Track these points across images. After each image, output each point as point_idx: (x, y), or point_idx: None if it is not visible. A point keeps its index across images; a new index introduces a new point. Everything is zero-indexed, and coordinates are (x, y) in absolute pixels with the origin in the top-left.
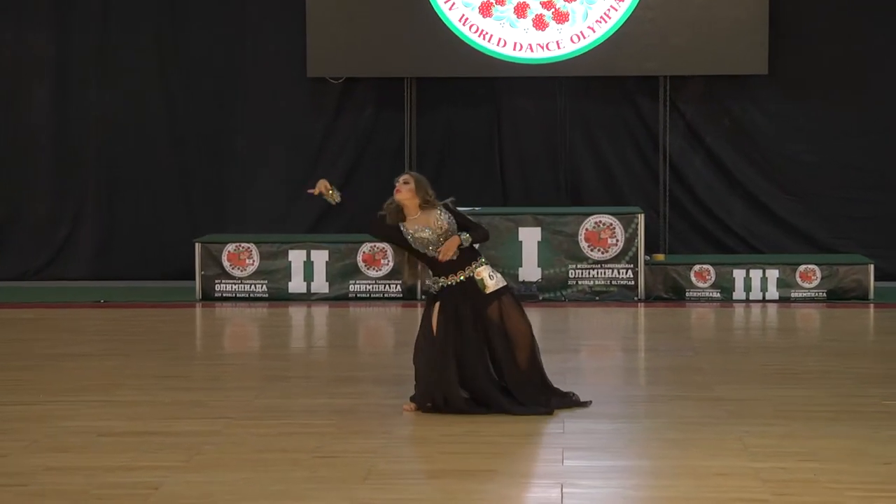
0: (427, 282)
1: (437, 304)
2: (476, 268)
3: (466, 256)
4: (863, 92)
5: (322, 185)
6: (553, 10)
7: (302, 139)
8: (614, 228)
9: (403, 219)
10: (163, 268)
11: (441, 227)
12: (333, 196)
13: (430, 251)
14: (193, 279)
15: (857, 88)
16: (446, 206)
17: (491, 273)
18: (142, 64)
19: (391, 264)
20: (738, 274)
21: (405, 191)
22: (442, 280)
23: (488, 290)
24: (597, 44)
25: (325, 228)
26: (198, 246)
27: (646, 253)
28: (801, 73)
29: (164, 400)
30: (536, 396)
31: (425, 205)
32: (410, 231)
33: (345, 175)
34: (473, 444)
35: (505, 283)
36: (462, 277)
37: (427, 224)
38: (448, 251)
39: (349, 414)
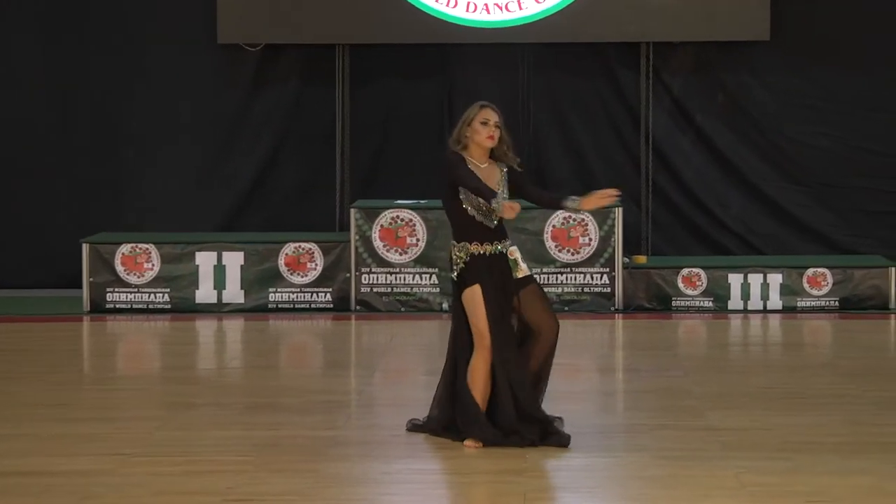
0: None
1: (476, 289)
2: (509, 247)
3: (501, 230)
4: (884, 61)
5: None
6: None
7: (212, 118)
8: (587, 225)
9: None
10: (45, 274)
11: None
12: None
13: (474, 212)
14: (81, 287)
15: (877, 56)
16: (511, 171)
17: (521, 256)
18: (20, 35)
19: (319, 268)
20: (735, 279)
21: (497, 137)
22: (474, 247)
23: (520, 275)
24: (566, 4)
25: (240, 226)
26: (85, 247)
27: (624, 254)
28: (809, 38)
29: (46, 433)
30: (531, 412)
31: (496, 158)
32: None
33: (265, 160)
34: (420, 485)
35: (531, 272)
36: (494, 250)
37: (488, 179)
38: (513, 209)
39: (268, 448)
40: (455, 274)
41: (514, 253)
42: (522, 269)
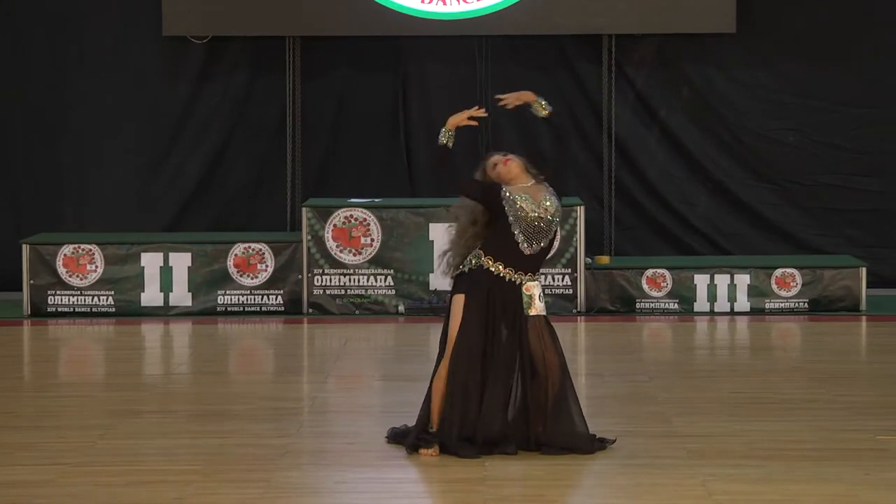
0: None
1: (460, 298)
2: (528, 281)
3: (534, 262)
4: (855, 55)
5: (527, 97)
6: None
7: (157, 113)
8: None
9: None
10: None
11: (547, 211)
12: (542, 108)
13: (518, 235)
14: (21, 290)
15: (847, 50)
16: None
17: (541, 295)
18: None
19: (270, 270)
20: (701, 280)
21: (514, 164)
22: (488, 260)
23: (531, 312)
24: None
25: (187, 226)
26: (25, 248)
27: (587, 255)
28: (776, 31)
29: None
30: (572, 437)
31: (533, 179)
32: (514, 195)
33: (212, 155)
34: (377, 495)
35: (545, 314)
36: (510, 278)
37: (535, 197)
38: (513, 99)
39: (218, 457)
40: (456, 273)
41: (532, 289)
42: (536, 308)
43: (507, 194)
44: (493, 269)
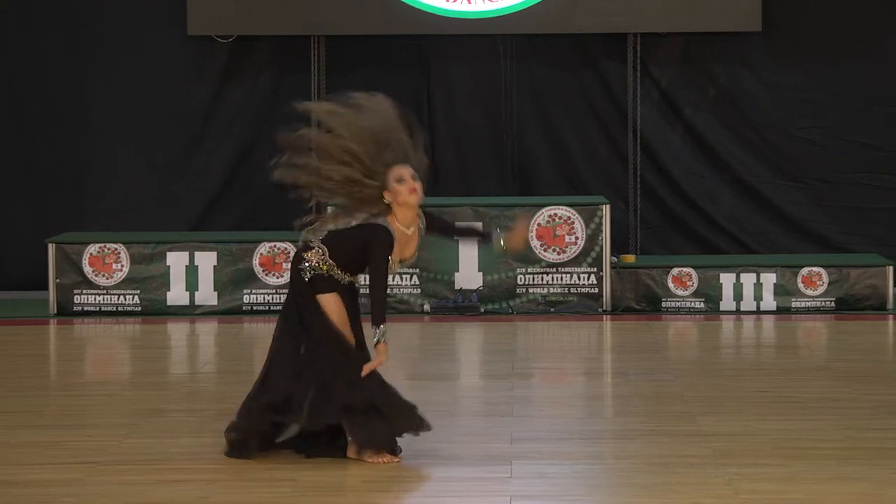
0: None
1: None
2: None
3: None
4: (882, 53)
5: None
6: None
7: (181, 112)
8: (573, 223)
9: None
10: (7, 276)
11: (401, 265)
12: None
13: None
14: (46, 289)
15: (874, 48)
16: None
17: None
18: None
19: None
20: (727, 279)
21: (419, 189)
22: (338, 272)
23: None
24: None
25: (212, 224)
26: (51, 247)
27: (612, 254)
28: (802, 29)
29: (9, 441)
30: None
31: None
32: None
33: (237, 155)
34: (403, 493)
35: None
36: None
37: (405, 253)
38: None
39: None
40: (308, 276)
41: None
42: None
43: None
44: (341, 279)
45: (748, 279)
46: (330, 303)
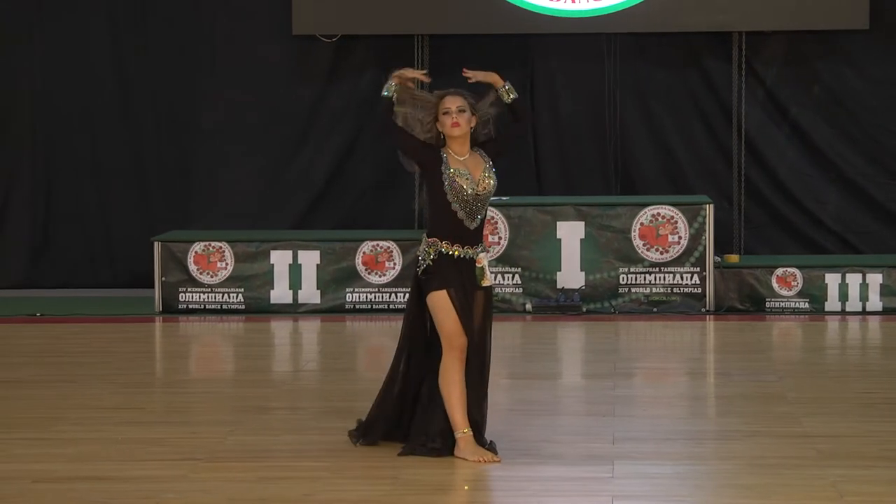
0: (419, 253)
1: (442, 294)
2: (479, 253)
3: (478, 235)
4: None
5: (493, 79)
6: None
7: (286, 111)
8: (676, 223)
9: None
10: (114, 273)
11: (484, 188)
12: (507, 94)
13: (460, 212)
14: (152, 287)
15: None
16: (486, 149)
17: (488, 264)
18: (88, 22)
19: (398, 267)
20: (832, 279)
21: (464, 122)
22: (445, 246)
23: (484, 284)
24: None
25: (315, 223)
26: (157, 246)
27: (716, 253)
28: None
29: (115, 437)
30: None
31: (477, 144)
32: (452, 170)
33: (340, 154)
34: (505, 493)
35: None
36: (464, 254)
37: (472, 171)
38: (480, 76)
39: (345, 454)
40: (420, 269)
41: (482, 261)
42: (487, 279)
43: (447, 169)
44: (452, 253)
45: (854, 279)
46: (440, 300)
